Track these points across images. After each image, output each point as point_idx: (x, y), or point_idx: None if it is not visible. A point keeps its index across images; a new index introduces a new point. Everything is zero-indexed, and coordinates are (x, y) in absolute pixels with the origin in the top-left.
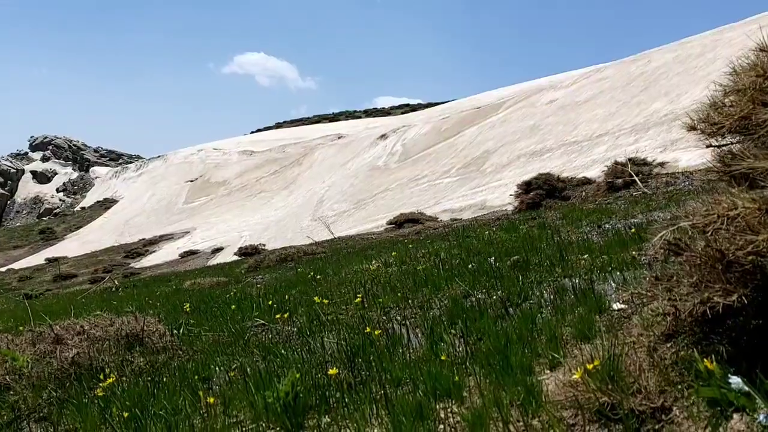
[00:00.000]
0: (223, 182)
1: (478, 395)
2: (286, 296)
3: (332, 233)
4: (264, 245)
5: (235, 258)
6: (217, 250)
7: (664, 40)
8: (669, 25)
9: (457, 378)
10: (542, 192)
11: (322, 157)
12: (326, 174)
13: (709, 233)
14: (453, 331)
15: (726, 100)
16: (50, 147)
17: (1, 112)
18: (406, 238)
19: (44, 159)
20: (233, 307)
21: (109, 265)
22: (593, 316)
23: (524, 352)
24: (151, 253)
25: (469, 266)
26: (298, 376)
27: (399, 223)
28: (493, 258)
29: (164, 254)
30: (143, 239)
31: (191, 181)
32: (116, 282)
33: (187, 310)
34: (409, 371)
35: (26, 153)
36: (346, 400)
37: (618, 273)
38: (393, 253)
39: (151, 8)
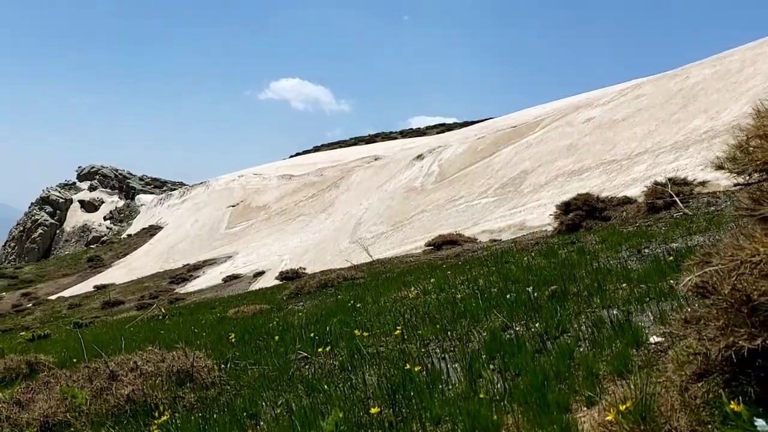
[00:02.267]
0: (263, 206)
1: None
2: (327, 327)
3: (370, 256)
4: (304, 269)
5: (276, 282)
6: (259, 274)
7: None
8: (705, 34)
9: (495, 417)
10: (582, 213)
11: (359, 179)
12: (363, 196)
13: (734, 278)
14: (492, 366)
15: (751, 143)
16: (97, 176)
17: (51, 143)
18: (444, 262)
19: (91, 188)
20: (276, 338)
21: (154, 291)
22: (630, 350)
23: (561, 389)
24: (195, 278)
25: (508, 296)
26: (341, 415)
27: (437, 244)
28: (531, 288)
29: (208, 279)
30: (187, 264)
31: (232, 206)
32: (162, 309)
33: (233, 340)
34: (448, 409)
35: (74, 183)
36: None
37: (656, 304)
38: (432, 280)
39: (189, 39)
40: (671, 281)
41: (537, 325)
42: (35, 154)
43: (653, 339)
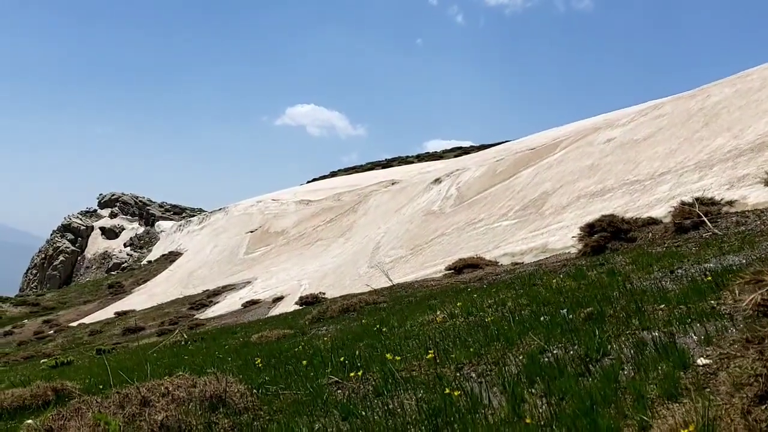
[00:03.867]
0: (281, 232)
1: None
2: (356, 351)
3: (390, 280)
4: (324, 293)
5: (296, 307)
6: (278, 299)
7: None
8: (721, 55)
9: None
10: (606, 234)
11: (377, 204)
12: (381, 220)
13: None
14: (533, 390)
15: None
16: (118, 204)
17: (72, 172)
18: (467, 285)
19: (112, 215)
20: (304, 362)
21: (175, 317)
22: (678, 372)
23: (610, 414)
24: (214, 303)
25: (541, 318)
26: None
27: (458, 268)
28: (565, 310)
29: (227, 304)
30: (207, 290)
31: (251, 231)
32: (185, 335)
33: (260, 365)
34: None
35: (95, 210)
36: None
37: (698, 325)
38: (458, 304)
39: (206, 67)
40: (712, 302)
41: (575, 347)
42: (57, 182)
43: (701, 361)
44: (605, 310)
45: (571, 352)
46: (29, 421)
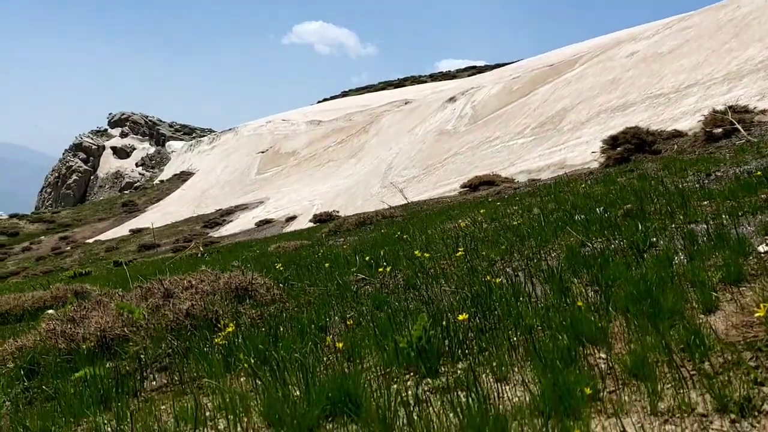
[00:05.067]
0: (292, 152)
1: (625, 341)
2: (381, 252)
3: (405, 198)
4: (337, 212)
5: (310, 225)
6: (291, 219)
7: None
8: None
9: (601, 324)
10: (630, 146)
11: (389, 124)
12: (393, 140)
13: None
14: (575, 279)
15: None
16: (128, 123)
17: (80, 92)
18: (485, 200)
19: (123, 135)
20: (327, 264)
21: (189, 234)
22: (739, 259)
23: (670, 298)
24: (228, 222)
25: (576, 217)
26: (429, 320)
27: (473, 186)
28: (601, 208)
29: (241, 223)
30: (220, 210)
31: (262, 152)
32: (201, 248)
33: (280, 268)
34: (539, 319)
35: (106, 130)
36: (483, 345)
37: (751, 216)
38: (482, 211)
39: None
40: (763, 195)
41: (617, 241)
42: (66, 102)
43: (762, 248)
44: (645, 208)
45: (614, 245)
46: (50, 311)
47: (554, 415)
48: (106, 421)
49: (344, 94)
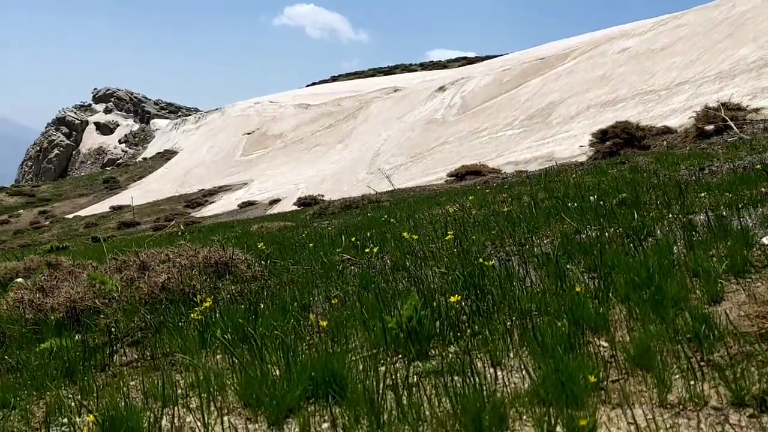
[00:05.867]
0: (279, 135)
1: (626, 329)
2: (368, 234)
3: (392, 184)
4: (322, 196)
5: (295, 208)
6: (275, 202)
7: None
8: None
9: (601, 310)
10: (620, 141)
11: (378, 111)
12: (382, 127)
13: None
14: (570, 265)
15: None
16: (112, 99)
17: (63, 65)
18: (472, 189)
19: (107, 111)
20: (311, 245)
21: (170, 213)
22: (742, 250)
23: (672, 286)
24: (210, 203)
25: (569, 205)
26: (420, 300)
27: (460, 175)
28: (595, 196)
29: (223, 204)
30: (203, 190)
31: (248, 133)
32: (182, 227)
33: (262, 248)
34: (536, 303)
35: (90, 105)
36: (476, 328)
37: (751, 209)
38: (470, 198)
39: None
40: (762, 189)
41: (613, 229)
42: (49, 75)
43: (766, 240)
44: (640, 198)
45: (610, 233)
46: (19, 279)
47: (555, 403)
48: (70, 395)
49: (334, 79)
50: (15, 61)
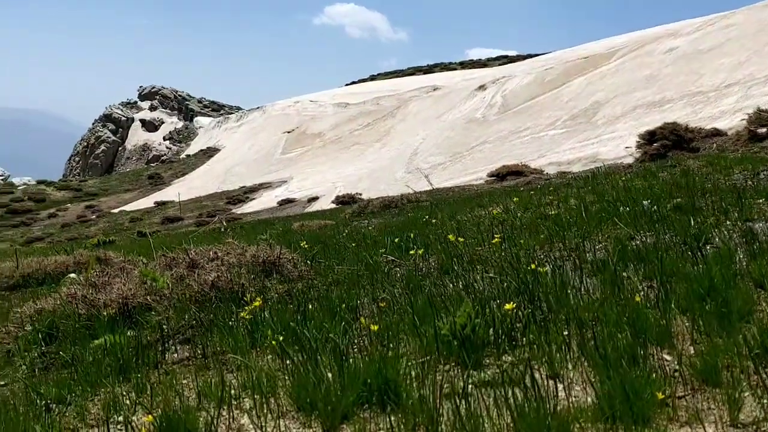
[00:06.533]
0: (318, 134)
1: (689, 341)
2: (411, 235)
3: (431, 184)
4: (360, 194)
5: (333, 206)
6: (313, 199)
7: None
8: None
9: (663, 321)
10: (668, 143)
11: (417, 110)
12: (420, 126)
13: None
14: (626, 273)
15: None
16: (157, 97)
17: (109, 63)
18: (515, 190)
19: (152, 108)
20: (353, 245)
21: (212, 210)
22: None
23: (736, 298)
24: (251, 200)
25: (621, 209)
26: (474, 307)
27: (501, 175)
28: (648, 201)
29: (263, 201)
30: (244, 187)
31: (288, 132)
32: (224, 223)
33: (305, 247)
34: (592, 312)
35: (135, 102)
36: (531, 337)
37: None
38: (515, 199)
39: None
40: None
41: (668, 236)
42: (95, 73)
43: None
44: (696, 203)
45: (665, 240)
46: (72, 275)
47: (621, 420)
48: (124, 393)
49: (372, 78)
50: (63, 59)
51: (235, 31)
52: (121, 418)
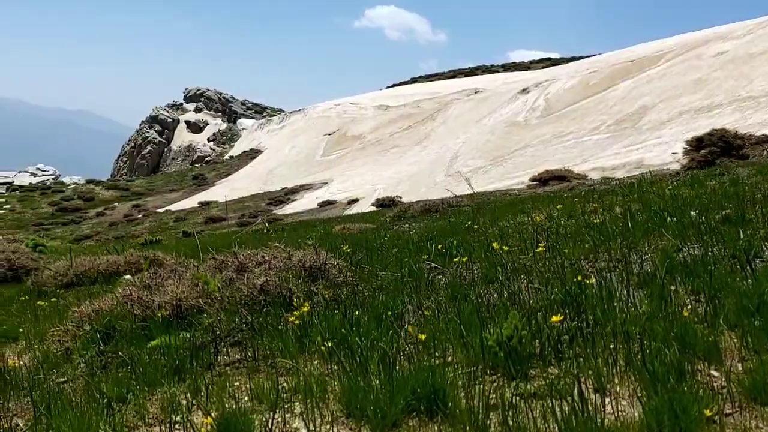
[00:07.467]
0: (358, 136)
1: (737, 358)
2: (454, 241)
3: (471, 188)
4: (400, 197)
5: (372, 209)
6: (353, 201)
7: None
8: None
9: (711, 337)
10: (716, 150)
11: (457, 113)
12: (461, 130)
13: None
14: (673, 287)
15: None
16: (202, 99)
17: (153, 66)
18: (557, 195)
19: (197, 110)
20: (395, 250)
21: (254, 210)
22: None
23: None
24: (291, 201)
25: (667, 220)
26: (521, 319)
27: (543, 180)
28: (695, 212)
29: (304, 203)
30: (285, 188)
31: (329, 134)
32: (266, 224)
33: (347, 251)
34: (638, 327)
35: (181, 104)
36: (577, 350)
37: None
38: (558, 206)
39: None
40: None
41: (716, 248)
42: (140, 75)
43: None
44: (746, 215)
45: (713, 252)
46: (127, 276)
47: None
48: (181, 393)
49: (413, 81)
50: (111, 61)
51: (276, 35)
52: (178, 418)
